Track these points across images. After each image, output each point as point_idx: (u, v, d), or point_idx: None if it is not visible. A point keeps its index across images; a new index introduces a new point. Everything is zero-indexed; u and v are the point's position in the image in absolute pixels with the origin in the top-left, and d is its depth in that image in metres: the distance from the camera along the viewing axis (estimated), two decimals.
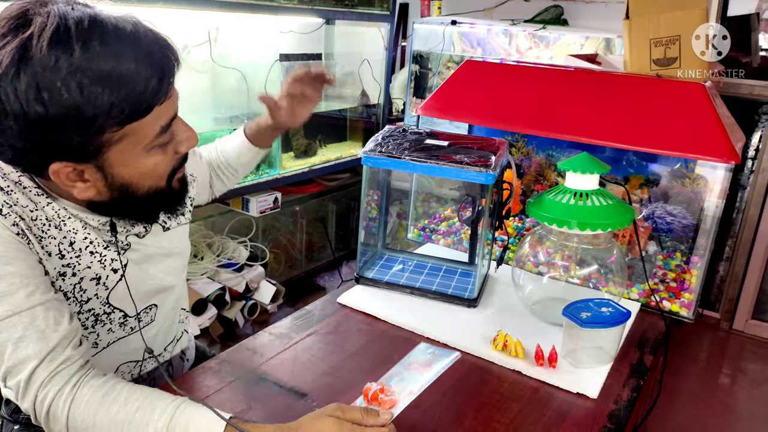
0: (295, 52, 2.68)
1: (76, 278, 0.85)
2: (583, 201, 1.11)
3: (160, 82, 0.73)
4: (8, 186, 0.79)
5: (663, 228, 1.45)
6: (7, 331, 0.74)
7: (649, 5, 1.46)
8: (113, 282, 0.90)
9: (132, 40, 0.71)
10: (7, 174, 0.80)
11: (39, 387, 0.74)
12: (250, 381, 0.98)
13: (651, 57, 1.47)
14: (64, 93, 0.66)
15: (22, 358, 0.74)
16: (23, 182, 0.80)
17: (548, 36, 2.89)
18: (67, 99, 0.67)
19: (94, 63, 0.67)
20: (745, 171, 2.52)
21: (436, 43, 3.13)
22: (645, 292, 1.33)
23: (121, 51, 0.69)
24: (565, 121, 1.30)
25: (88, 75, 0.67)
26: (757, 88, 2.38)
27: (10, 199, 0.78)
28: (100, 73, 0.68)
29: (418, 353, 0.93)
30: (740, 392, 2.31)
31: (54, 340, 0.76)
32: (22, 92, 0.66)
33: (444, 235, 1.59)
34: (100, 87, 0.68)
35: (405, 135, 1.27)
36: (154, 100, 0.73)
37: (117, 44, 0.69)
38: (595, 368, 1.05)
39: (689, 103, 1.22)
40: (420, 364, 0.93)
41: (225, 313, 2.24)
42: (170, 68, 0.75)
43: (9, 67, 0.66)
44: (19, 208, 0.78)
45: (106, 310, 0.91)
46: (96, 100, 0.68)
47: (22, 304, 0.75)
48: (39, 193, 0.81)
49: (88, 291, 0.87)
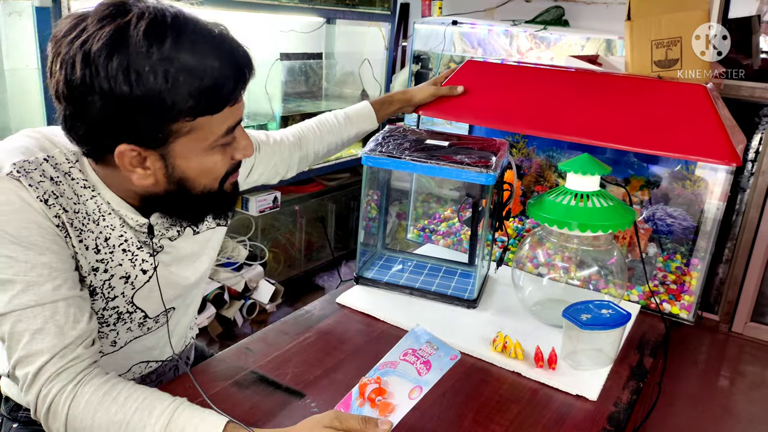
0: (296, 51, 2.68)
1: (107, 275, 0.86)
2: (584, 202, 1.11)
3: (236, 84, 0.78)
4: (58, 177, 0.80)
5: (663, 230, 1.45)
6: (28, 321, 0.75)
7: (650, 7, 1.45)
8: (141, 282, 0.91)
9: (218, 41, 0.76)
10: (59, 164, 0.81)
11: (45, 382, 0.75)
12: (249, 381, 0.98)
13: (652, 58, 1.47)
14: (150, 77, 0.71)
15: (35, 350, 0.75)
16: (72, 173, 0.82)
17: (549, 37, 2.89)
18: (152, 83, 0.71)
19: (183, 54, 0.72)
20: (746, 173, 2.52)
21: (437, 43, 3.13)
22: (645, 294, 1.32)
23: (207, 49, 0.74)
24: (565, 122, 1.30)
25: (175, 64, 0.72)
26: (758, 90, 2.37)
27: (58, 190, 0.79)
28: (185, 64, 0.72)
29: (413, 339, 0.89)
30: (739, 395, 2.31)
31: (70, 338, 0.76)
32: (113, 70, 0.70)
33: (444, 236, 1.58)
34: (183, 76, 0.72)
35: (405, 135, 1.26)
36: (228, 100, 0.78)
37: (204, 42, 0.75)
38: (595, 370, 1.05)
39: (690, 104, 1.22)
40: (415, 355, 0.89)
41: (224, 313, 2.24)
42: (246, 74, 0.79)
43: (104, 47, 0.70)
44: (65, 200, 0.79)
45: (129, 309, 0.92)
46: (178, 88, 0.72)
47: (48, 296, 0.76)
48: (85, 185, 0.83)
49: (116, 289, 0.88)
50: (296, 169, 1.26)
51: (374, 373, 0.85)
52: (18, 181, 0.75)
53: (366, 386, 0.84)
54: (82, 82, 0.71)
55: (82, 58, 0.70)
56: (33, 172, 0.77)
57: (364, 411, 0.82)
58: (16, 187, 0.75)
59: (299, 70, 2.74)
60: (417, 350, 0.87)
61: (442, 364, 0.84)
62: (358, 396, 0.83)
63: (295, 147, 1.23)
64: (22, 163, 0.77)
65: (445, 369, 0.84)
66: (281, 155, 1.20)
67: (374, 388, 0.83)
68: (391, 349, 0.87)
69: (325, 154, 1.31)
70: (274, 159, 1.18)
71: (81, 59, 0.70)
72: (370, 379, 0.84)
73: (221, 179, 0.86)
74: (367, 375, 0.85)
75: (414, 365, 0.85)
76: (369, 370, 0.85)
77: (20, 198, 0.75)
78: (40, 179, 0.77)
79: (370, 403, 0.82)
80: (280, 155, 1.19)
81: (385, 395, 0.82)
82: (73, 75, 0.71)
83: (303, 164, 1.27)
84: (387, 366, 0.86)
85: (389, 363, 0.86)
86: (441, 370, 0.83)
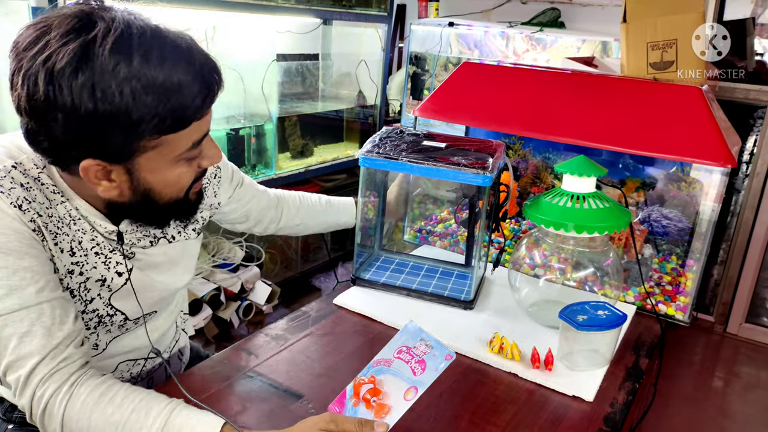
0: (293, 52, 2.68)
1: (83, 277, 0.86)
2: (580, 204, 1.12)
3: (204, 100, 0.77)
4: (28, 183, 0.80)
5: (659, 231, 1.45)
6: (14, 325, 0.75)
7: (646, 9, 1.46)
8: (117, 285, 0.91)
9: (186, 56, 0.75)
10: (28, 170, 0.81)
11: (38, 383, 0.74)
12: (245, 382, 0.97)
13: (648, 60, 1.48)
14: (116, 95, 0.70)
15: (25, 353, 0.74)
16: (42, 179, 0.82)
17: (545, 38, 2.90)
18: (118, 101, 0.70)
19: (150, 72, 0.71)
20: (740, 175, 2.53)
21: (434, 45, 3.13)
22: (641, 295, 1.33)
23: (175, 65, 0.73)
24: (562, 123, 1.30)
25: (142, 82, 0.70)
26: (753, 93, 2.39)
27: (29, 196, 0.79)
28: (153, 82, 0.71)
29: (407, 336, 0.89)
30: (734, 395, 2.32)
31: (58, 338, 0.76)
32: (77, 88, 0.69)
33: (440, 237, 1.59)
34: (150, 95, 0.71)
35: (402, 136, 1.27)
36: (195, 116, 0.77)
37: (173, 58, 0.73)
38: (591, 371, 1.05)
39: (686, 106, 1.22)
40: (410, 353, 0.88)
41: (220, 314, 2.23)
42: (214, 89, 0.79)
43: (69, 65, 0.68)
44: (37, 205, 0.79)
45: (108, 312, 0.92)
46: (144, 106, 0.71)
47: (31, 299, 0.76)
48: (55, 191, 0.83)
49: (92, 291, 0.88)
50: (263, 226, 1.25)
51: (368, 371, 0.84)
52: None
53: (361, 386, 0.83)
54: (45, 98, 0.69)
55: (45, 75, 0.68)
56: (3, 179, 0.77)
57: (359, 411, 0.81)
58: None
59: (296, 71, 2.74)
60: (411, 348, 0.86)
61: (437, 364, 0.83)
62: (353, 395, 0.83)
63: (272, 204, 1.24)
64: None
65: (441, 369, 0.83)
66: (258, 204, 1.21)
67: (369, 388, 0.83)
68: (384, 346, 0.87)
69: (294, 227, 1.31)
70: (251, 203, 1.19)
71: (44, 76, 0.69)
72: (364, 378, 0.84)
73: (187, 188, 0.87)
74: (361, 373, 0.84)
75: (408, 364, 0.84)
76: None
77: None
78: (11, 186, 0.77)
79: (365, 403, 0.81)
80: (257, 203, 1.20)
81: (381, 396, 0.82)
82: (36, 92, 0.69)
83: (271, 226, 1.27)
84: (381, 364, 0.85)
85: (383, 361, 0.85)
86: (436, 371, 0.83)
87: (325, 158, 2.79)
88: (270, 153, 2.50)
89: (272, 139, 2.48)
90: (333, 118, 3.09)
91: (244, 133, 2.41)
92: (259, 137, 2.48)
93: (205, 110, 0.79)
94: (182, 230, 1.01)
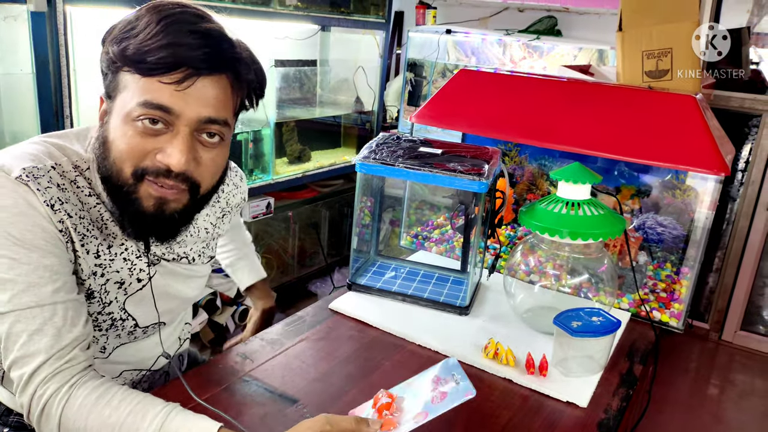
0: (291, 58, 2.69)
1: (104, 279, 0.88)
2: (575, 210, 1.12)
3: (171, 58, 0.74)
4: (64, 184, 0.81)
5: (654, 238, 1.46)
6: (26, 321, 0.76)
7: (641, 18, 1.47)
8: (134, 289, 0.92)
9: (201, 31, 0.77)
10: (66, 172, 0.82)
11: (40, 383, 0.75)
12: (241, 387, 0.98)
13: (643, 69, 1.49)
14: (132, 20, 0.77)
15: (32, 351, 0.75)
16: (78, 182, 0.83)
17: (542, 46, 2.92)
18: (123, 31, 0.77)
19: (161, 17, 0.76)
20: (735, 183, 2.54)
21: (431, 52, 3.15)
22: (635, 302, 1.33)
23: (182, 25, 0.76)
24: (557, 131, 1.31)
25: (146, 20, 0.76)
26: (747, 101, 2.40)
27: (63, 196, 0.80)
28: (155, 24, 0.75)
29: (444, 369, 0.89)
30: (728, 403, 2.32)
31: (67, 340, 0.77)
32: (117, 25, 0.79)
33: (436, 243, 1.59)
34: (144, 30, 0.75)
35: (399, 142, 1.27)
36: (158, 65, 0.74)
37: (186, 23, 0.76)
38: (586, 377, 1.05)
39: (680, 115, 1.23)
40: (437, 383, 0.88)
41: (216, 318, 2.23)
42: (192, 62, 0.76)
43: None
44: (69, 206, 0.81)
45: (122, 316, 0.93)
46: (133, 37, 0.76)
47: (47, 298, 0.77)
48: (91, 194, 0.84)
49: (110, 293, 0.89)
50: None
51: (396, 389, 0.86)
52: (26, 185, 0.77)
53: (379, 399, 0.84)
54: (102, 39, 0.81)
55: None
56: (41, 177, 0.79)
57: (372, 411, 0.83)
58: (24, 191, 0.77)
59: (294, 76, 2.75)
60: (441, 379, 0.86)
61: (456, 399, 0.83)
62: (373, 404, 0.84)
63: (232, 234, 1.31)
64: (31, 169, 0.78)
65: (456, 403, 0.83)
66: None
67: (386, 402, 0.83)
68: (422, 371, 0.87)
69: None
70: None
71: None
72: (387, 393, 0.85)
73: (135, 170, 0.79)
74: (390, 389, 0.86)
75: (433, 392, 0.84)
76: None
77: (27, 202, 0.76)
78: (48, 185, 0.79)
79: (378, 414, 0.83)
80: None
81: (392, 411, 0.83)
82: None
83: None
84: (410, 387, 0.86)
85: (414, 386, 0.86)
86: (452, 403, 0.83)
87: (323, 164, 2.79)
88: (267, 158, 2.50)
89: (269, 144, 2.49)
90: (330, 123, 3.10)
91: (242, 138, 2.42)
92: (257, 142, 2.49)
93: (172, 69, 0.75)
94: (202, 255, 1.03)
